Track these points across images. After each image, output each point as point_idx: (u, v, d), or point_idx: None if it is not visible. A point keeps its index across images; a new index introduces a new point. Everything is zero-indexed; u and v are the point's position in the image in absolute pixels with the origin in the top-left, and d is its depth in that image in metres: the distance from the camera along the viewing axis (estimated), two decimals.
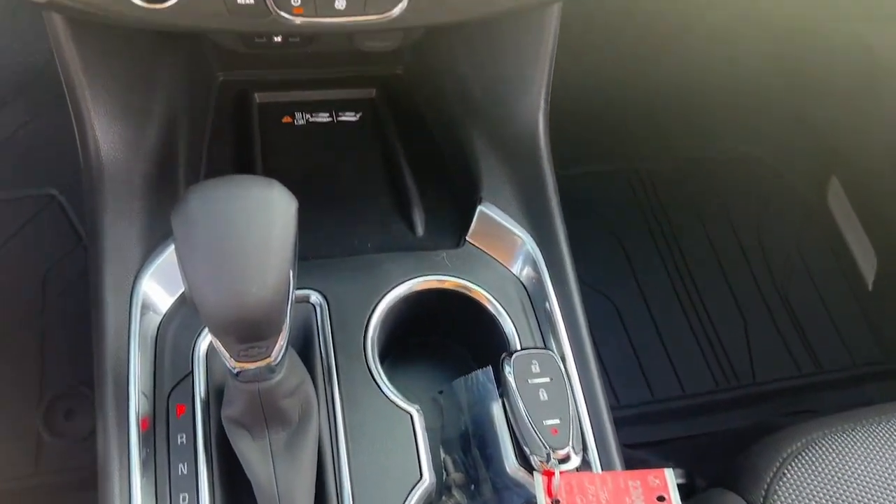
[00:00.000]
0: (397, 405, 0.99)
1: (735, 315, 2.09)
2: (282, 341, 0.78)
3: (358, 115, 1.39)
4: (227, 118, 1.36)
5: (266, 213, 0.71)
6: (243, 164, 1.27)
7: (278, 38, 1.19)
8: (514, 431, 0.93)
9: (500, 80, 1.24)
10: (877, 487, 0.99)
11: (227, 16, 0.87)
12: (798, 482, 1.00)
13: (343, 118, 1.39)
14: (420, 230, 1.22)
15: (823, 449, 1.02)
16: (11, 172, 1.84)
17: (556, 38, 1.16)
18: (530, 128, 1.22)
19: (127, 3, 0.79)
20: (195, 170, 1.22)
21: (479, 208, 1.18)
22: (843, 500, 0.98)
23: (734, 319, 2.08)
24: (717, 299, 2.10)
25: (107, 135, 1.08)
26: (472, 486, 1.00)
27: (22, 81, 1.51)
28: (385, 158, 1.33)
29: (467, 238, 1.17)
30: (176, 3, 0.80)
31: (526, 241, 1.15)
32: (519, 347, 1.07)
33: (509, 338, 1.08)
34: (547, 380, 0.96)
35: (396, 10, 0.90)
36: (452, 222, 1.21)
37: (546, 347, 1.08)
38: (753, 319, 2.08)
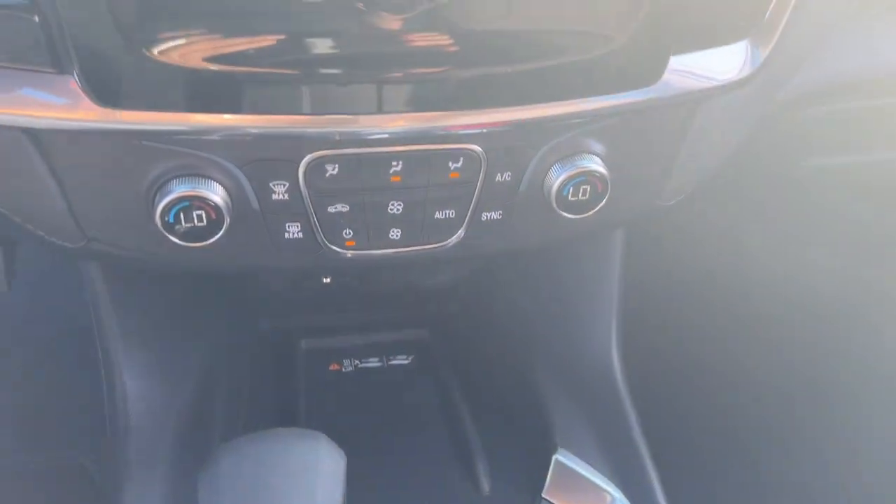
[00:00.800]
0: None
1: None
2: None
3: (410, 358, 1.29)
4: (270, 368, 1.27)
5: (310, 474, 0.58)
6: (286, 417, 1.15)
7: (327, 279, 1.13)
8: None
9: (566, 313, 1.14)
10: None
11: (274, 253, 0.80)
12: None
13: (394, 362, 1.28)
14: (486, 486, 1.05)
15: None
16: (43, 439, 1.75)
17: (624, 263, 1.08)
18: (603, 361, 1.09)
19: (164, 243, 0.73)
20: (232, 425, 1.10)
21: (555, 457, 1.02)
22: None
23: None
24: None
25: (137, 391, 0.99)
26: None
27: (58, 344, 1.47)
28: (441, 403, 1.20)
29: (544, 495, 0.99)
30: (217, 241, 0.73)
31: (615, 496, 0.97)
32: None
33: None
34: None
35: (453, 240, 0.83)
36: (524, 475, 1.05)
37: None
38: None
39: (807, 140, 1.19)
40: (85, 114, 0.65)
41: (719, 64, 0.77)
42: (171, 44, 0.62)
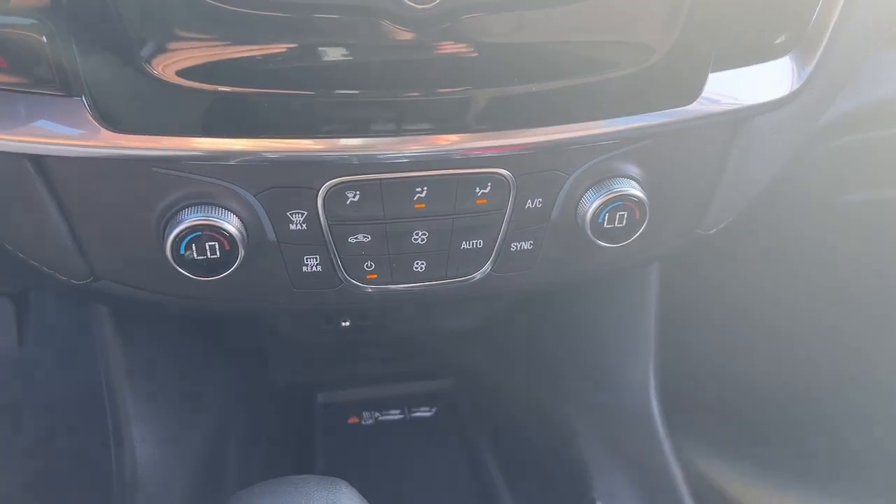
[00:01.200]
0: None
1: None
2: None
3: (433, 410, 1.23)
4: (286, 422, 1.21)
5: None
6: (302, 471, 1.08)
7: (346, 323, 1.08)
8: None
9: (600, 358, 1.08)
10: None
11: (291, 288, 0.75)
12: None
13: (417, 414, 1.22)
14: None
15: None
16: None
17: (659, 301, 1.02)
18: (641, 407, 1.02)
19: (175, 278, 0.68)
20: (246, 480, 1.03)
21: None
22: None
23: None
24: None
25: (146, 445, 0.93)
26: None
27: (71, 408, 1.42)
28: (467, 457, 1.13)
29: None
30: (231, 274, 0.69)
31: None
32: None
33: None
34: None
35: (480, 273, 0.78)
36: None
37: None
38: None
39: (844, 174, 1.14)
40: (93, 138, 0.61)
41: (761, 82, 0.73)
42: (182, 64, 0.59)
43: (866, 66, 0.87)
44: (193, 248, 0.66)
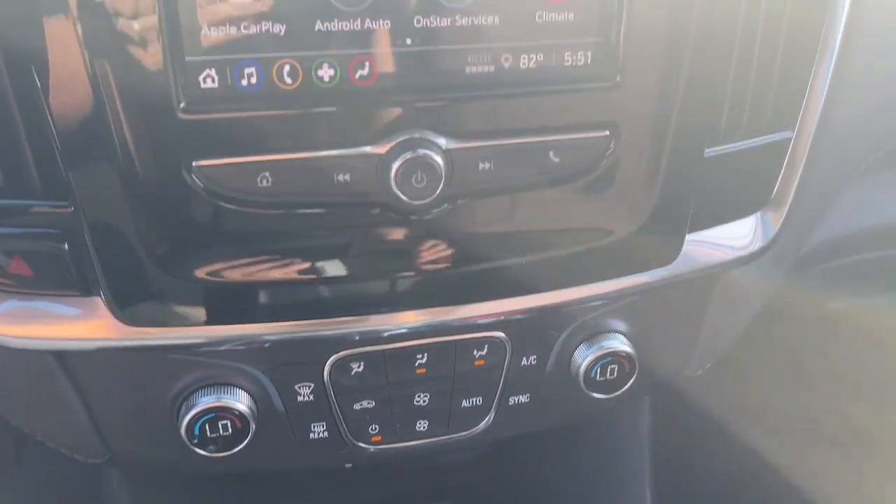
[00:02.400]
0: None
1: None
2: None
3: None
4: None
5: None
6: None
7: (349, 465, 1.09)
8: None
9: (595, 484, 1.09)
10: None
11: (299, 453, 0.78)
12: None
13: None
14: None
15: None
16: None
17: (651, 429, 1.05)
18: None
19: (189, 455, 0.71)
20: None
21: None
22: None
23: None
24: None
25: None
26: None
27: None
28: None
29: None
30: (243, 449, 0.71)
31: None
32: None
33: None
34: None
35: (482, 426, 0.81)
36: None
37: None
38: None
39: (827, 289, 1.17)
40: (112, 333, 0.64)
41: (735, 236, 0.77)
42: (194, 265, 0.62)
43: (840, 198, 0.92)
44: (207, 428, 0.69)
